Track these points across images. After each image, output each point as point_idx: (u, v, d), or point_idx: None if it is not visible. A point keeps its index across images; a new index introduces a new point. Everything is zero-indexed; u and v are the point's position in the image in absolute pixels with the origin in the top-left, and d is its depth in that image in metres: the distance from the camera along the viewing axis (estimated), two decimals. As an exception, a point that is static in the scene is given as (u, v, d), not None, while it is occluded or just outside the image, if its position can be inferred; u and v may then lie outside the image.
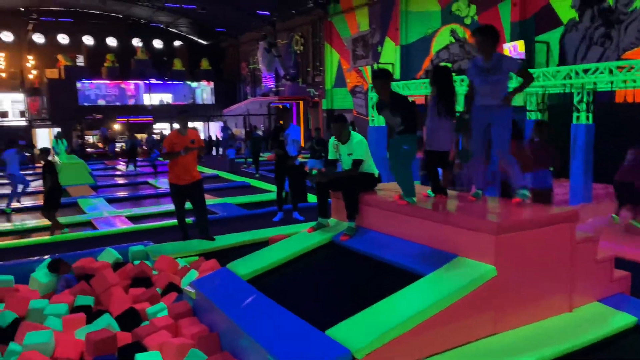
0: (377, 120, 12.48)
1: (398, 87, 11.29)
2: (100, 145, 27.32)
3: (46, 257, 6.12)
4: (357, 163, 5.02)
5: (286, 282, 4.37)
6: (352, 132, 5.17)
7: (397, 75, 17.94)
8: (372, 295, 3.62)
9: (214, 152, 25.84)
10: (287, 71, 25.67)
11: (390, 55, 18.88)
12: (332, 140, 5.25)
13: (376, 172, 5.24)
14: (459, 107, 5.33)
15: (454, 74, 5.21)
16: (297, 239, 5.14)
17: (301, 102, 25.14)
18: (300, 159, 8.94)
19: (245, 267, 4.67)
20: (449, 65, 11.16)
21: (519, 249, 3.74)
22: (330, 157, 5.31)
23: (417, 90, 11.23)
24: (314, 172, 10.69)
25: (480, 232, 3.72)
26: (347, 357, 2.98)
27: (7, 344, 4.07)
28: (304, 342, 3.21)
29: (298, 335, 3.30)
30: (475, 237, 3.76)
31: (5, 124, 26.75)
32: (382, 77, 4.68)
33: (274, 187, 10.31)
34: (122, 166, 19.87)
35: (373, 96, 12.46)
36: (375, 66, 16.33)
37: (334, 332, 3.22)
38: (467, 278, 3.55)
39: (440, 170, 4.97)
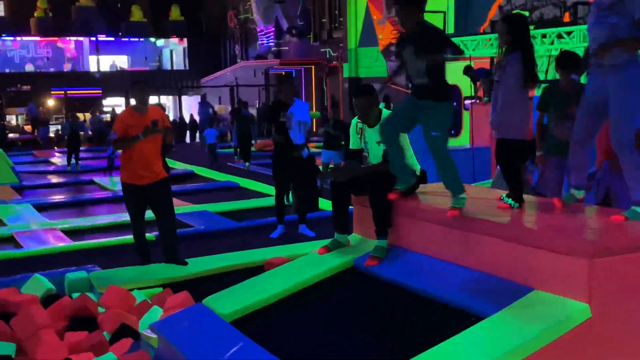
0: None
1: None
2: (27, 128, 27.70)
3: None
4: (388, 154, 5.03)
5: (288, 326, 4.39)
6: (384, 110, 5.18)
7: (450, 29, 17.90)
8: (413, 346, 3.60)
9: (187, 139, 26.05)
10: (292, 23, 25.73)
11: (440, 1, 18.85)
12: (355, 123, 5.26)
13: (418, 168, 5.24)
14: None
15: (531, 27, 5.20)
16: (304, 264, 5.17)
17: (312, 68, 25.22)
18: (309, 149, 8.97)
19: (229, 303, 4.71)
20: (526, 13, 11.11)
21: (624, 280, 3.70)
22: (352, 146, 5.32)
23: (480, 50, 11.22)
24: (330, 167, 10.72)
25: (568, 256, 3.70)
26: None
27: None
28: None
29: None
30: (560, 262, 3.74)
31: None
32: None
33: (272, 189, 10.37)
34: (57, 159, 20.12)
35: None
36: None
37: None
38: (549, 321, 3.53)
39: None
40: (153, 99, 24.43)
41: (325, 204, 9.89)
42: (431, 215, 4.75)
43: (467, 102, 14.30)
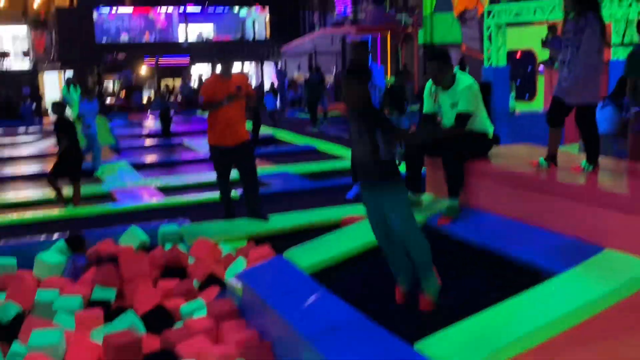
0: (494, 58, 12.13)
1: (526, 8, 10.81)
2: (122, 94, 28.49)
3: (55, 235, 6.53)
4: (464, 118, 4.93)
5: (363, 279, 4.42)
6: (458, 73, 5.07)
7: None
8: (480, 300, 3.59)
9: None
10: (369, -10, 25.38)
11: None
12: (430, 86, 5.18)
13: (491, 131, 5.14)
14: None
15: None
16: (379, 221, 5.17)
17: (388, 35, 24.81)
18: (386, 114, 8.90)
19: (308, 256, 4.78)
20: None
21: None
22: (425, 110, 5.25)
23: (548, 13, 10.66)
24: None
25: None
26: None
27: (11, 343, 4.42)
28: (385, 357, 3.26)
29: (380, 350, 3.35)
30: (633, 221, 3.62)
31: (5, 67, 28.44)
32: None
33: (347, 152, 10.36)
34: (150, 122, 20.65)
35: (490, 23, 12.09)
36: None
37: (425, 346, 3.24)
38: (619, 279, 3.44)
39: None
40: (237, 66, 24.73)
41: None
42: (502, 177, 4.67)
43: (541, 67, 13.80)
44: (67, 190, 9.03)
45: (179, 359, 4.08)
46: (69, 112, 15.83)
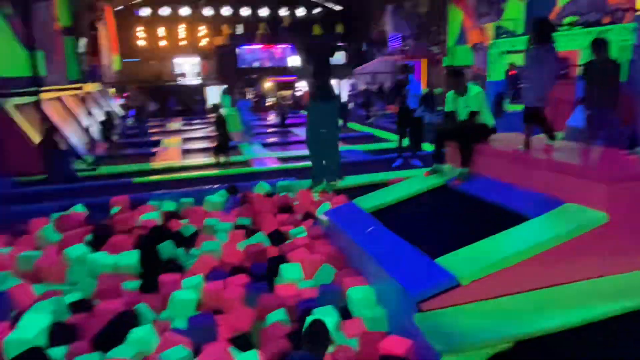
0: (495, 75, 11.53)
1: (519, 41, 10.14)
2: (254, 100, 28.96)
3: (216, 185, 6.77)
4: (473, 114, 4.76)
5: (402, 216, 4.40)
6: (470, 85, 4.89)
7: (521, 30, 16.12)
8: (480, 233, 3.51)
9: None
10: (412, 31, 24.49)
11: (514, 10, 16.97)
12: (451, 94, 5.02)
13: (491, 123, 4.94)
14: None
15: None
16: (414, 181, 5.10)
17: (424, 60, 23.94)
18: (419, 112, 8.68)
19: (368, 202, 4.78)
20: (574, 18, 9.73)
21: (635, 199, 3.32)
22: (447, 109, 5.10)
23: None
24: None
25: (593, 181, 3.38)
26: (454, 282, 2.98)
27: (189, 250, 4.71)
28: (416, 265, 3.26)
29: (411, 260, 3.35)
30: (587, 185, 3.42)
31: (185, 82, 29.53)
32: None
33: (394, 137, 10.21)
34: (272, 117, 20.89)
35: (492, 53, 11.44)
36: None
37: (443, 260, 3.22)
38: (574, 222, 3.28)
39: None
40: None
41: (428, 146, 9.59)
42: (497, 153, 4.51)
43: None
44: (223, 159, 9.34)
45: (289, 262, 4.18)
46: (222, 111, 16.26)
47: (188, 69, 31.00)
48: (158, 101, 25.23)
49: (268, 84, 30.44)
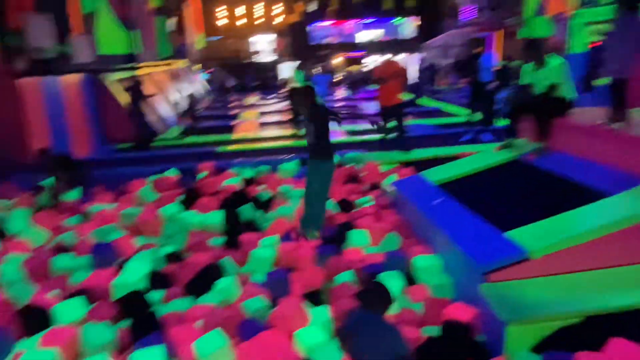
0: (576, 47, 10.51)
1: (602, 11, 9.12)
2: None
3: (289, 155, 6.89)
4: (552, 87, 4.41)
5: (471, 189, 4.24)
6: (549, 56, 4.51)
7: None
8: (553, 208, 3.31)
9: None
10: (488, 2, 22.84)
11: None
12: (529, 66, 4.67)
13: (570, 97, 4.55)
14: None
15: None
16: (485, 155, 4.89)
17: (499, 32, 22.29)
18: (493, 86, 8.19)
19: (436, 174, 4.66)
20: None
21: None
22: (524, 81, 4.76)
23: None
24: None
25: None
26: (523, 255, 2.85)
27: (266, 213, 4.89)
28: (484, 238, 3.16)
29: (479, 232, 3.25)
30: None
31: (260, 60, 30.08)
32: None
33: (464, 111, 9.75)
34: (342, 91, 20.75)
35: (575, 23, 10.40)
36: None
37: (513, 234, 3.09)
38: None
39: None
40: (398, 56, 23.86)
41: (500, 121, 9.07)
42: (577, 127, 4.17)
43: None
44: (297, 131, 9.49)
45: (356, 229, 4.21)
46: (295, 85, 16.39)
47: (263, 46, 31.47)
48: (237, 77, 25.98)
49: (337, 60, 30.15)
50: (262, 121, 13.18)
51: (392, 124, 7.18)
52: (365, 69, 23.53)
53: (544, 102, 4.44)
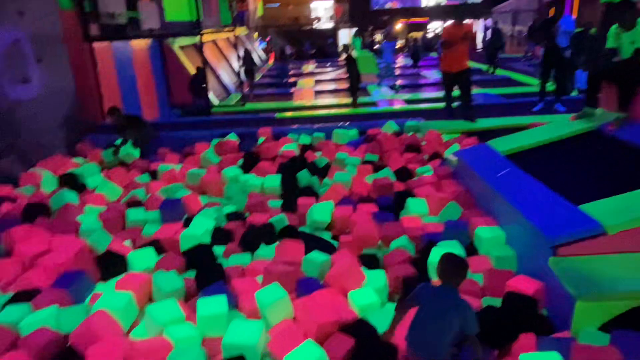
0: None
1: None
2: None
3: (346, 123, 6.85)
4: (638, 52, 3.98)
5: (543, 161, 4.00)
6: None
7: None
8: (633, 183, 3.04)
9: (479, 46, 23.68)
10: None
11: None
12: (614, 28, 4.24)
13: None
14: None
15: None
16: (558, 126, 4.57)
17: (577, -5, 20.37)
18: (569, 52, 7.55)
19: (504, 144, 4.43)
20: None
21: None
22: (609, 45, 4.34)
23: None
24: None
25: None
26: (599, 230, 2.67)
27: (322, 179, 4.92)
28: (556, 210, 2.99)
29: (551, 205, 3.08)
30: None
31: (319, 26, 29.65)
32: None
33: (534, 81, 9.11)
34: (401, 60, 20.10)
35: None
36: None
37: (587, 207, 2.89)
38: None
39: None
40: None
41: (573, 91, 8.40)
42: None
43: None
44: (354, 99, 9.38)
45: (415, 197, 4.15)
46: (353, 53, 16.07)
47: (322, 13, 30.94)
48: (295, 45, 25.89)
49: (399, 26, 29.05)
50: (319, 89, 13.17)
51: (456, 92, 6.88)
52: (429, 35, 22.47)
53: (629, 68, 4.03)
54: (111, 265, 3.18)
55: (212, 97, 10.34)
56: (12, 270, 3.08)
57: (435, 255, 2.99)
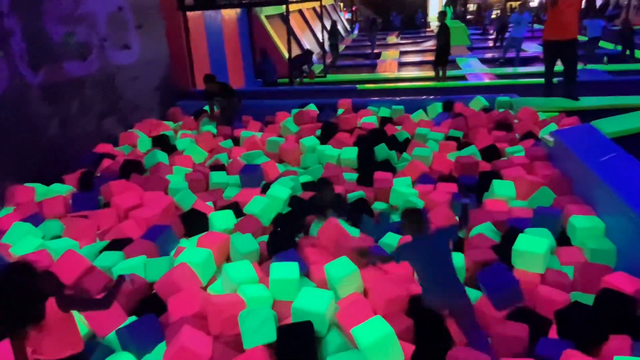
0: None
1: None
2: (475, 13, 26.05)
3: (430, 97, 6.52)
4: None
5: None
6: None
7: None
8: None
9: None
10: None
11: None
12: None
13: None
14: None
15: None
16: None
17: None
18: None
19: (610, 126, 3.99)
20: None
21: None
22: None
23: None
24: None
25: None
26: None
27: (401, 154, 4.74)
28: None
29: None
30: None
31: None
32: None
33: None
34: (492, 31, 18.64)
35: None
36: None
37: None
38: None
39: None
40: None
41: None
42: None
43: None
44: (440, 71, 8.88)
45: (502, 179, 3.85)
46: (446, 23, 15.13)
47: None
48: (381, 15, 25.06)
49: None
50: (404, 60, 12.71)
51: (558, 67, 6.18)
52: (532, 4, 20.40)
53: None
54: (194, 222, 3.35)
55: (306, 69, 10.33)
56: (109, 221, 3.39)
57: (520, 242, 2.76)
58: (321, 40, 13.76)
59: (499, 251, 2.87)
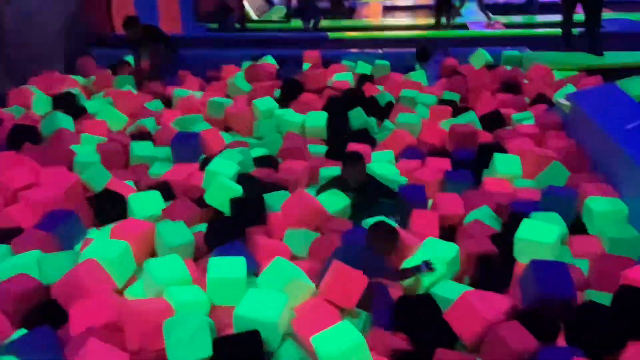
0: None
1: None
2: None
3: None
4: None
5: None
6: None
7: None
8: None
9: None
10: None
11: None
12: None
13: None
14: None
15: None
16: None
17: None
18: None
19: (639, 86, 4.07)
20: None
21: None
22: None
23: None
24: None
25: None
26: None
27: (382, 121, 4.74)
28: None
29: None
30: None
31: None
32: None
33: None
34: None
35: None
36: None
37: None
38: None
39: None
40: None
41: None
42: None
43: None
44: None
45: (506, 152, 3.91)
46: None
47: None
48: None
49: None
50: (392, 4, 12.72)
51: (579, 16, 6.32)
52: None
53: None
54: (108, 207, 3.27)
55: (249, 9, 10.21)
56: (-9, 204, 3.24)
57: (524, 229, 2.83)
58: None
59: (500, 241, 2.91)
